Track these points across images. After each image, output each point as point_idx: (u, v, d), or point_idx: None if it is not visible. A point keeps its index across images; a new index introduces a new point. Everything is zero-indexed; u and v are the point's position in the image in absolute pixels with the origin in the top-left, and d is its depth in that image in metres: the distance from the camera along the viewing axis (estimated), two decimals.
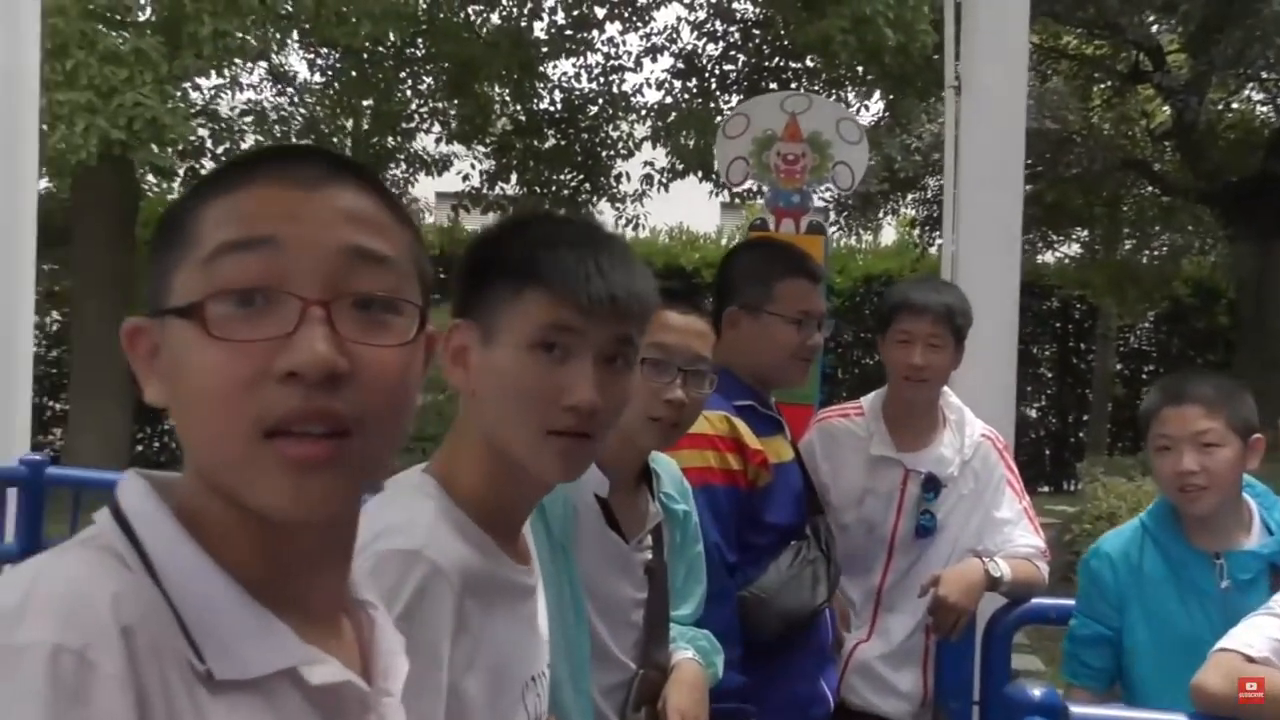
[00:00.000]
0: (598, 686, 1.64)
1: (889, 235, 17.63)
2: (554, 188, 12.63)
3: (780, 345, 2.36)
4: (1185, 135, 11.72)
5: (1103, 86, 13.64)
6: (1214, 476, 2.19)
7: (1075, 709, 1.93)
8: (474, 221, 11.92)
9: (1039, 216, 13.57)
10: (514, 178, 12.63)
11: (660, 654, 1.79)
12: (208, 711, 0.75)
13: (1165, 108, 12.05)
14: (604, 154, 12.54)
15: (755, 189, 4.23)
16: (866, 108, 12.65)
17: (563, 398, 1.20)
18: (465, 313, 1.27)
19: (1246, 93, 12.10)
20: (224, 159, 11.43)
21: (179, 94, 8.88)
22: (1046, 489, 14.75)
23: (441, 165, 13.04)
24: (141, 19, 8.86)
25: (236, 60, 9.81)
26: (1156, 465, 2.29)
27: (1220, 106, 12.59)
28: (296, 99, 12.82)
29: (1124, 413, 15.56)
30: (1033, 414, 15.69)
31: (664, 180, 12.08)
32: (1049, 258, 15.82)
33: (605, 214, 12.51)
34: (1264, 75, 10.85)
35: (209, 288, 0.78)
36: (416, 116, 12.72)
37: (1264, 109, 12.99)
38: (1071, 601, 2.51)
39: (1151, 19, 11.34)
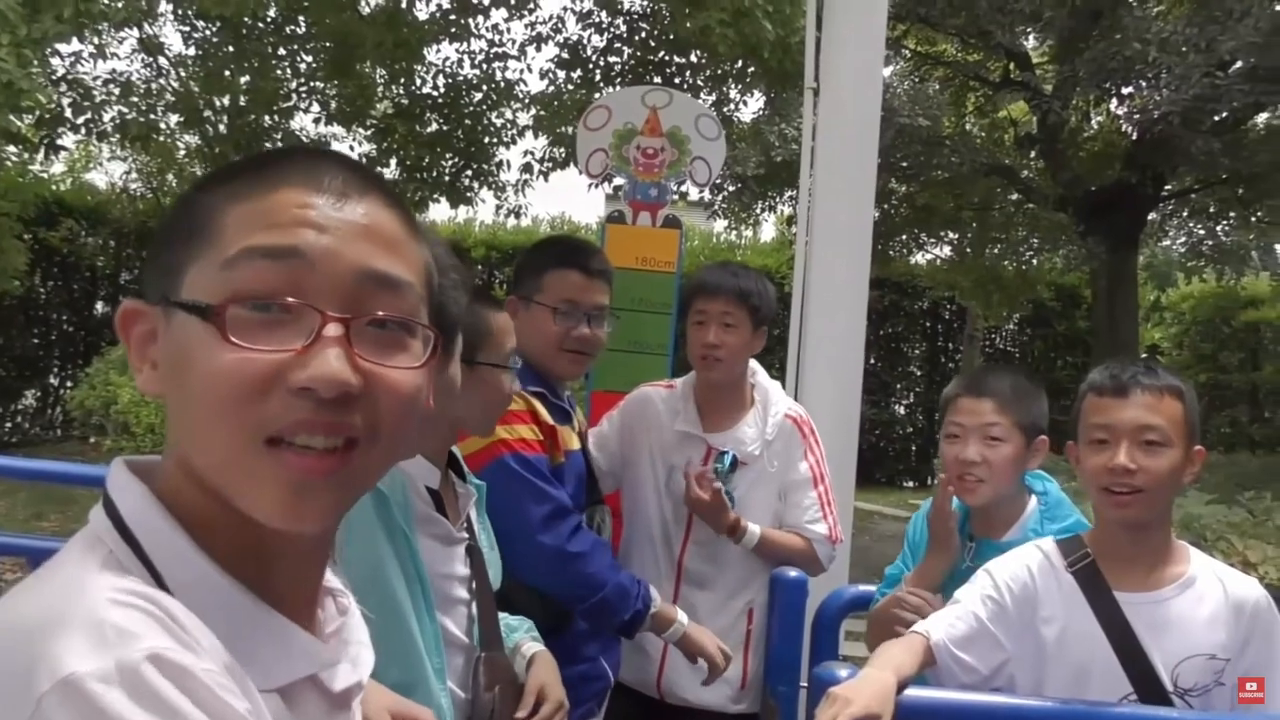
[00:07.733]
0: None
1: (770, 232, 17.92)
2: (435, 173, 12.48)
3: (544, 334, 2.44)
4: (1049, 142, 12.17)
5: (976, 94, 14.07)
6: (994, 469, 2.27)
7: None
8: None
9: (911, 218, 13.94)
10: (394, 162, 12.45)
11: (494, 631, 1.81)
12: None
13: (1032, 116, 12.50)
14: (486, 140, 12.42)
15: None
16: (745, 103, 12.81)
17: None
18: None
19: (1109, 107, 12.61)
20: (85, 129, 11.01)
21: (36, 60, 8.45)
22: (911, 484, 15.17)
23: (320, 147, 12.73)
24: None
25: (100, 26, 9.39)
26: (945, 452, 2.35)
27: (1083, 118, 13.10)
28: (168, 71, 12.36)
29: None
30: (901, 411, 16.09)
31: (544, 169, 12.02)
32: (921, 259, 16.25)
33: (487, 202, 12.43)
34: (1123, 90, 11.29)
35: (229, 292, 0.77)
36: (295, 95, 12.40)
37: (1126, 125, 13.60)
38: None
39: (1020, 28, 11.72)
